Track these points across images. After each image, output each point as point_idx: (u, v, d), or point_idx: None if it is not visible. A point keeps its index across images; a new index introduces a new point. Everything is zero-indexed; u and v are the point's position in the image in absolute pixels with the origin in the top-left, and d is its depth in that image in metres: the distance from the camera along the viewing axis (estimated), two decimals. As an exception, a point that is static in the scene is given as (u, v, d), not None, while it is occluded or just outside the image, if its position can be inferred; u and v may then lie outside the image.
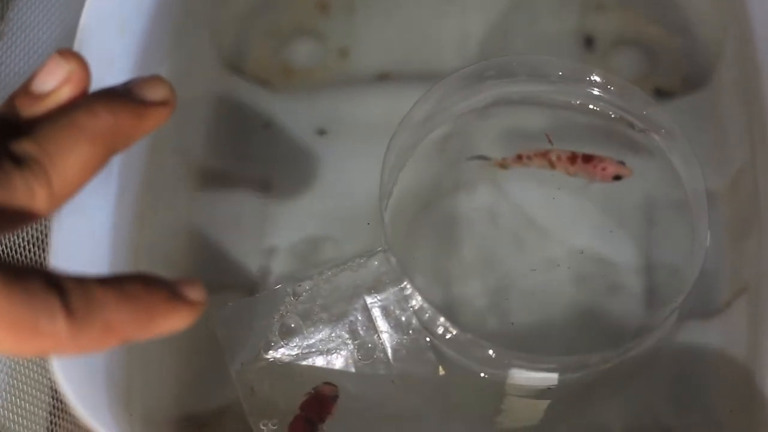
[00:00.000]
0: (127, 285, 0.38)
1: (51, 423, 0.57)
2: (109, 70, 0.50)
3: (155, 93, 0.41)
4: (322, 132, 0.67)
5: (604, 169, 0.59)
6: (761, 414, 0.56)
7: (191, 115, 0.65)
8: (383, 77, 0.69)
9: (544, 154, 0.61)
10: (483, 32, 0.69)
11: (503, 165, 0.61)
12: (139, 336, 0.38)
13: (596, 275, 0.61)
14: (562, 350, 0.59)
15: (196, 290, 0.39)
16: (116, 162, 0.53)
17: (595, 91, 0.60)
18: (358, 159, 0.65)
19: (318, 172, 0.66)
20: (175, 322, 0.39)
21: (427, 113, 0.60)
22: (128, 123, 0.40)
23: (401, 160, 0.60)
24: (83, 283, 0.37)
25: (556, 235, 0.62)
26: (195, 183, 0.65)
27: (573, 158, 0.60)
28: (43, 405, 0.57)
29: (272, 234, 0.64)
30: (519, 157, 0.61)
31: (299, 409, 0.55)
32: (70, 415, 0.59)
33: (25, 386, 0.55)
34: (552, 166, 0.61)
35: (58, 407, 0.58)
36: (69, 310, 0.36)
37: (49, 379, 0.57)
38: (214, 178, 0.65)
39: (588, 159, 0.59)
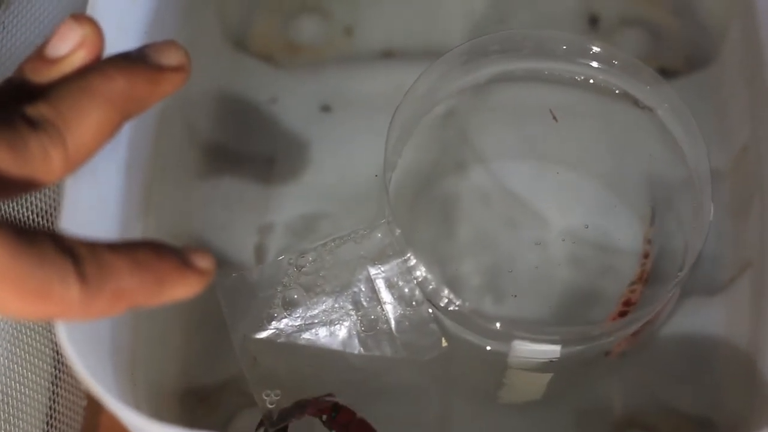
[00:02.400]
0: (138, 252, 0.38)
1: (53, 393, 0.57)
2: (121, 38, 0.50)
3: (170, 58, 0.41)
4: (326, 108, 0.67)
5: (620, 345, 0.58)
6: (763, 392, 0.56)
7: (197, 92, 0.64)
8: (387, 54, 0.69)
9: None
10: (487, 10, 0.69)
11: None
12: (148, 303, 0.38)
13: (599, 251, 0.61)
14: (564, 324, 0.59)
15: (205, 259, 0.40)
16: (126, 135, 0.53)
17: (600, 67, 0.60)
18: (361, 135, 0.65)
19: (322, 149, 0.66)
20: (184, 289, 0.39)
21: (431, 87, 0.60)
22: (143, 88, 0.40)
23: (405, 134, 0.60)
24: (95, 248, 0.37)
25: (560, 211, 0.61)
26: (200, 158, 0.65)
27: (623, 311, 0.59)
28: (46, 375, 0.57)
29: (275, 209, 0.64)
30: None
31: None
32: (72, 385, 0.59)
33: (27, 355, 0.55)
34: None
35: (60, 377, 0.58)
36: (81, 275, 0.36)
37: (52, 349, 0.57)
38: (219, 154, 0.65)
39: (636, 333, 0.57)
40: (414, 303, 0.56)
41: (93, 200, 0.49)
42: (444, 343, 0.56)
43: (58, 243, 0.36)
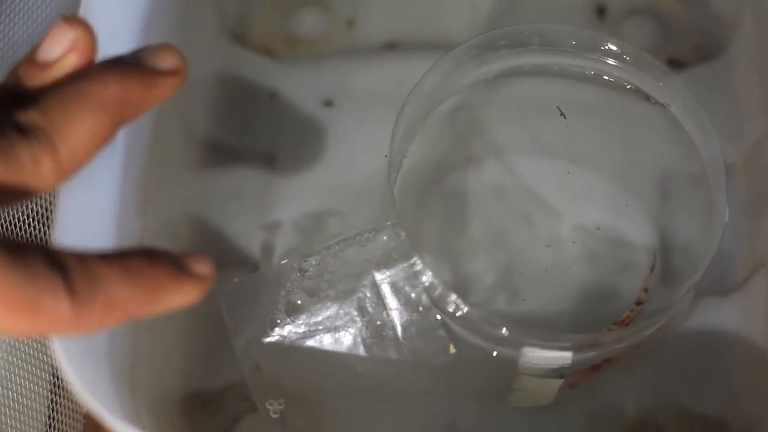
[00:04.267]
0: (131, 260, 0.37)
1: (52, 401, 0.57)
2: (114, 40, 0.49)
3: (165, 61, 0.40)
4: (328, 103, 0.66)
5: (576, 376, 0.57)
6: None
7: (195, 87, 0.63)
8: (391, 46, 0.68)
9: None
10: (492, 1, 0.68)
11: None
12: (144, 313, 0.37)
13: (611, 251, 0.60)
14: (574, 328, 0.58)
15: (203, 264, 0.38)
16: (122, 135, 0.52)
17: (610, 62, 0.59)
18: (365, 130, 0.64)
19: (324, 144, 0.65)
20: (181, 298, 0.38)
21: (438, 83, 0.59)
22: (138, 93, 0.39)
23: (411, 132, 0.59)
24: (85, 260, 0.36)
25: (570, 210, 0.61)
26: (199, 156, 0.64)
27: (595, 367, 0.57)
28: (44, 383, 0.56)
29: (277, 208, 0.63)
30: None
31: None
32: (71, 393, 0.58)
33: (26, 364, 0.55)
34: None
35: (59, 385, 0.57)
36: (72, 289, 0.35)
37: (50, 356, 0.57)
38: (219, 151, 0.64)
39: (596, 367, 0.57)
40: (421, 308, 0.55)
41: (88, 204, 0.48)
42: (452, 350, 0.55)
43: (47, 256, 0.36)
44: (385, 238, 0.56)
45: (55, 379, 0.57)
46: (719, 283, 0.60)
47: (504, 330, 0.52)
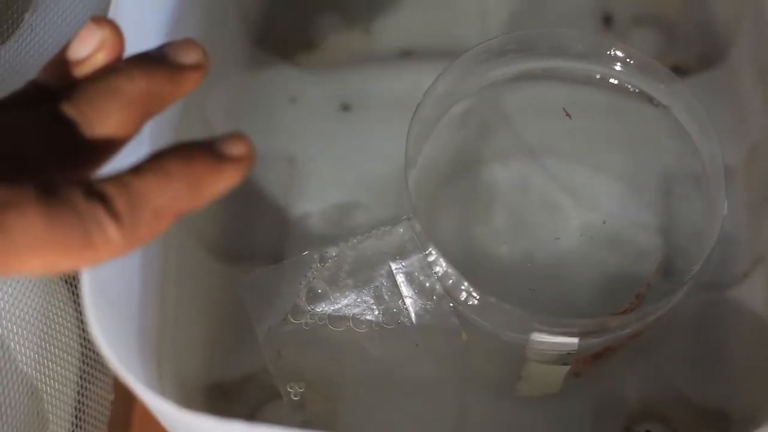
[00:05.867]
0: (166, 163, 0.37)
1: (81, 386, 0.58)
2: (141, 38, 0.50)
3: (189, 56, 0.41)
4: (346, 107, 0.67)
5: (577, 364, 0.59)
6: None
7: (217, 90, 0.65)
8: (406, 54, 0.69)
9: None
10: (503, 9, 0.70)
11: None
12: (191, 207, 0.38)
13: (615, 245, 0.61)
14: (580, 317, 0.58)
15: (240, 145, 0.39)
16: (147, 133, 0.53)
17: (616, 66, 0.61)
18: (382, 134, 0.66)
19: (342, 148, 0.66)
20: (224, 183, 0.39)
21: (450, 87, 0.61)
22: (163, 87, 0.40)
23: (425, 132, 0.61)
24: (121, 180, 0.37)
25: (577, 206, 0.62)
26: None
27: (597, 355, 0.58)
28: (74, 369, 0.58)
29: (298, 204, 0.64)
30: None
31: None
32: (99, 379, 0.60)
33: (56, 349, 0.56)
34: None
35: (87, 371, 0.59)
36: (115, 214, 0.36)
37: (80, 343, 0.58)
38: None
39: (598, 356, 0.58)
40: (434, 297, 0.57)
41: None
42: (464, 337, 0.57)
43: (84, 189, 0.36)
44: (401, 230, 0.58)
45: (84, 365, 0.58)
46: (720, 277, 0.61)
47: (514, 317, 0.54)
